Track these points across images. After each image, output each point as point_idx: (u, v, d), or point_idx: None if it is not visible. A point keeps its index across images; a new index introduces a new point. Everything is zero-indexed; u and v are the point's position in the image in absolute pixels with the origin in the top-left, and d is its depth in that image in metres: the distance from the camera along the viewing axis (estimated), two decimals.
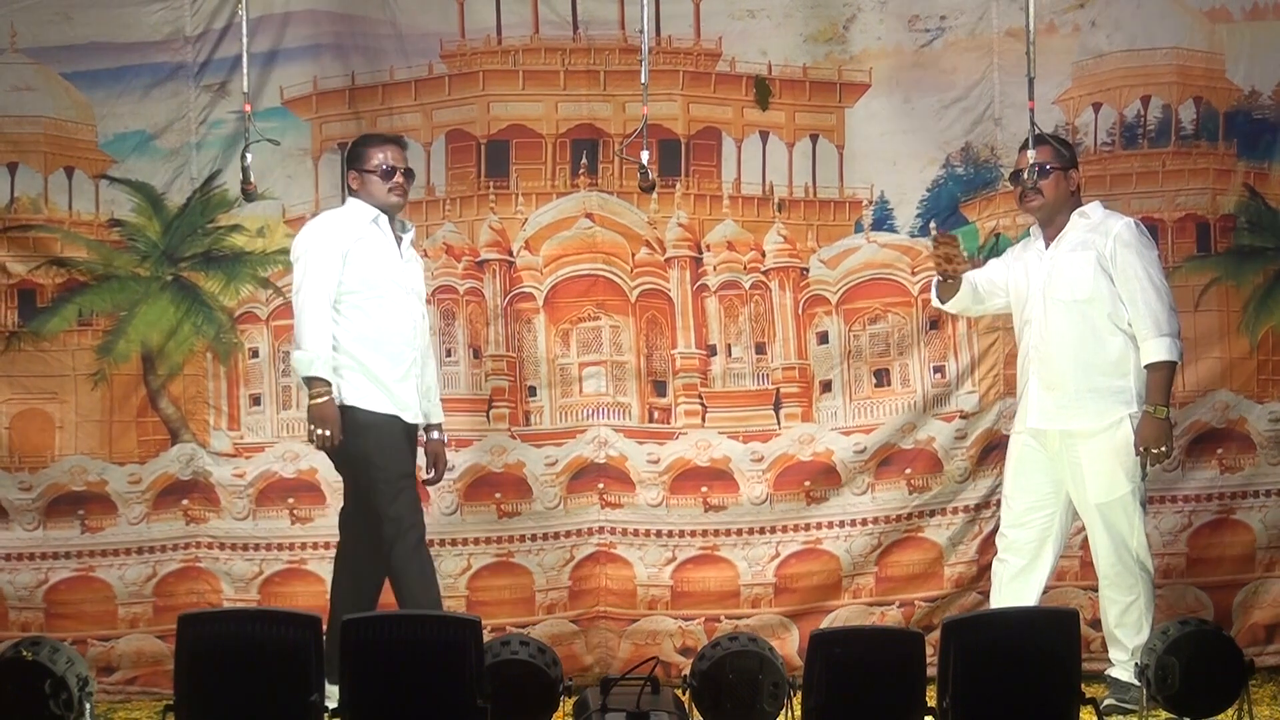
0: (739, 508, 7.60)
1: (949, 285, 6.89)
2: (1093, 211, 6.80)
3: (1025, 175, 6.62)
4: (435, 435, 6.86)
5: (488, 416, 7.56)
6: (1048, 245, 6.80)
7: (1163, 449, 6.61)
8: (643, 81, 6.54)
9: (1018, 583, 6.78)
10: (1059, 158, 6.77)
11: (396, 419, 6.63)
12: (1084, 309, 6.67)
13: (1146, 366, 6.62)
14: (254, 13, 6.96)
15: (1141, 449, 6.60)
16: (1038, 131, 6.53)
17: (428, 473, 6.87)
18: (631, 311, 7.62)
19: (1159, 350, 6.60)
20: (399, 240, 6.74)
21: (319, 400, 6.53)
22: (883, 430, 7.62)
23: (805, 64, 7.60)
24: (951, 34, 7.57)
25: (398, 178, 6.71)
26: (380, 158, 6.71)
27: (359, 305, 6.61)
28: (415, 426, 6.73)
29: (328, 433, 6.53)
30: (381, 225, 6.71)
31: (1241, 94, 7.57)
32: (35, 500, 7.48)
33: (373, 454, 6.58)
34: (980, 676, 5.42)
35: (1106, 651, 6.84)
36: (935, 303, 7.04)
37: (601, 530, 7.51)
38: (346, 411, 6.56)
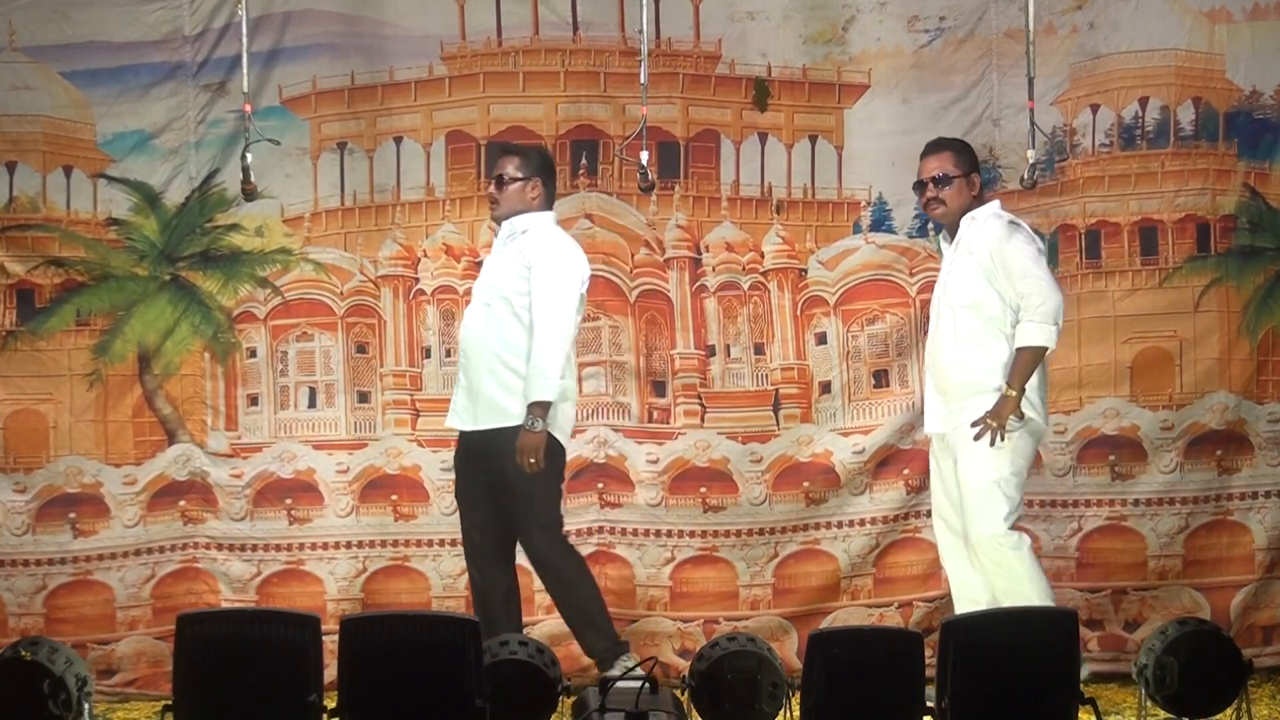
0: (738, 508, 7.60)
1: None
2: (979, 214, 6.71)
3: (927, 183, 6.63)
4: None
5: None
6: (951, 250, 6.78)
7: (995, 425, 6.50)
8: (642, 83, 6.55)
9: (959, 560, 6.73)
10: (960, 164, 6.71)
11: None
12: (967, 314, 6.60)
13: (1015, 349, 6.56)
14: (253, 12, 6.99)
15: (987, 419, 6.52)
16: (946, 137, 6.50)
17: None
18: (631, 312, 7.61)
19: (1023, 335, 6.53)
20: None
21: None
22: (881, 431, 7.62)
23: (804, 65, 7.60)
24: (950, 35, 7.57)
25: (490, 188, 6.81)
26: None
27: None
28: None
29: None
30: None
31: (1242, 94, 7.56)
32: (29, 502, 7.47)
33: None
34: (979, 677, 5.41)
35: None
36: None
37: (600, 530, 7.51)
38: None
